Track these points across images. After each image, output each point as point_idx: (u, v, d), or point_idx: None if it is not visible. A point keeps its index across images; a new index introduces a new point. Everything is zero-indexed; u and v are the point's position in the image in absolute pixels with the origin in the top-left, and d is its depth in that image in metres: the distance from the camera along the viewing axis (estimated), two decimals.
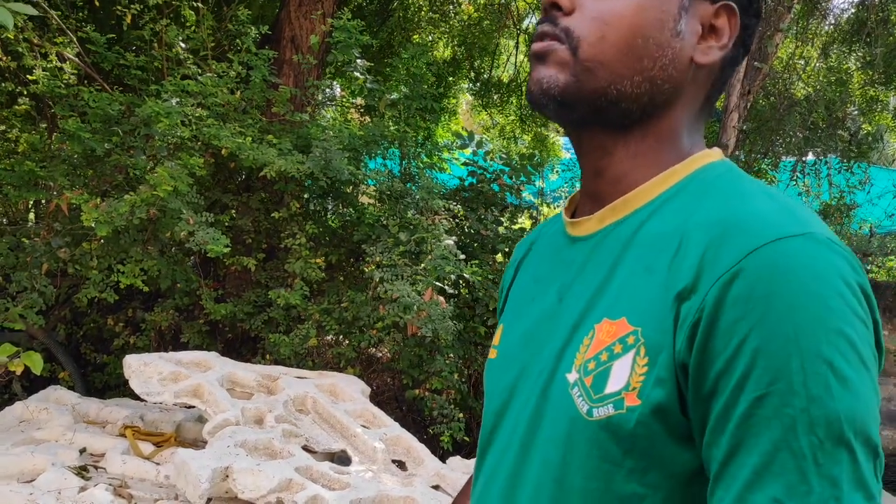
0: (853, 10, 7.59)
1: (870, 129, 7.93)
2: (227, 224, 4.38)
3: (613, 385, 0.66)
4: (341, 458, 3.10)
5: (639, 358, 0.65)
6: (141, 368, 3.30)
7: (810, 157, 6.90)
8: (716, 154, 0.77)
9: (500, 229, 5.22)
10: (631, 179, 0.76)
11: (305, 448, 3.03)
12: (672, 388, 0.63)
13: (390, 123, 4.92)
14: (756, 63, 5.41)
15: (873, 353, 0.61)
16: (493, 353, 0.88)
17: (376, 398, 4.58)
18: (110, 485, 2.82)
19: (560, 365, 0.72)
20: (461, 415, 4.26)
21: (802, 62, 7.25)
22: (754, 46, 4.92)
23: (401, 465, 3.23)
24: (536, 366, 0.76)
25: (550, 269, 0.84)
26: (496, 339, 0.89)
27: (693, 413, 0.63)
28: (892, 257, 7.85)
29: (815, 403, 0.56)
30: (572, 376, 0.70)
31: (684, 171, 0.75)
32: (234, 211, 4.67)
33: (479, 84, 9.42)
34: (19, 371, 2.63)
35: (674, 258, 0.66)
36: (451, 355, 4.61)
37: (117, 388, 4.82)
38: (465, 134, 5.55)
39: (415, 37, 8.45)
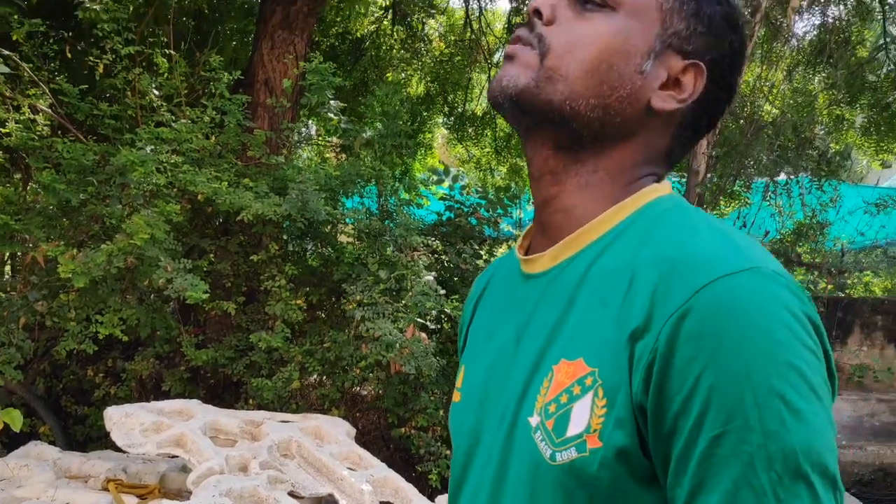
0: (815, 33, 7.81)
1: (837, 147, 8.09)
2: (205, 269, 4.37)
3: (574, 428, 0.66)
4: (328, 503, 3.07)
5: (597, 399, 0.65)
6: (122, 420, 3.26)
7: (782, 177, 7.02)
8: (664, 188, 0.78)
9: (480, 262, 5.25)
10: (581, 211, 0.77)
11: (292, 494, 2.99)
12: (632, 429, 0.63)
13: (367, 161, 4.95)
14: None
15: (825, 383, 0.62)
16: (456, 396, 0.89)
17: (362, 438, 4.55)
18: None
19: (522, 408, 0.73)
20: (448, 452, 4.24)
21: (768, 85, 7.41)
22: None
23: None
24: (498, 409, 0.76)
25: (506, 308, 0.84)
26: (458, 382, 0.90)
27: (654, 454, 0.63)
28: (868, 272, 7.95)
29: (772, 438, 0.57)
30: (534, 420, 0.70)
31: (633, 206, 0.76)
32: (212, 255, 4.65)
33: (453, 118, 9.55)
34: None
35: (626, 295, 0.67)
36: (436, 391, 4.60)
37: (99, 440, 4.75)
38: (441, 167, 5.59)
39: (388, 75, 8.55)
